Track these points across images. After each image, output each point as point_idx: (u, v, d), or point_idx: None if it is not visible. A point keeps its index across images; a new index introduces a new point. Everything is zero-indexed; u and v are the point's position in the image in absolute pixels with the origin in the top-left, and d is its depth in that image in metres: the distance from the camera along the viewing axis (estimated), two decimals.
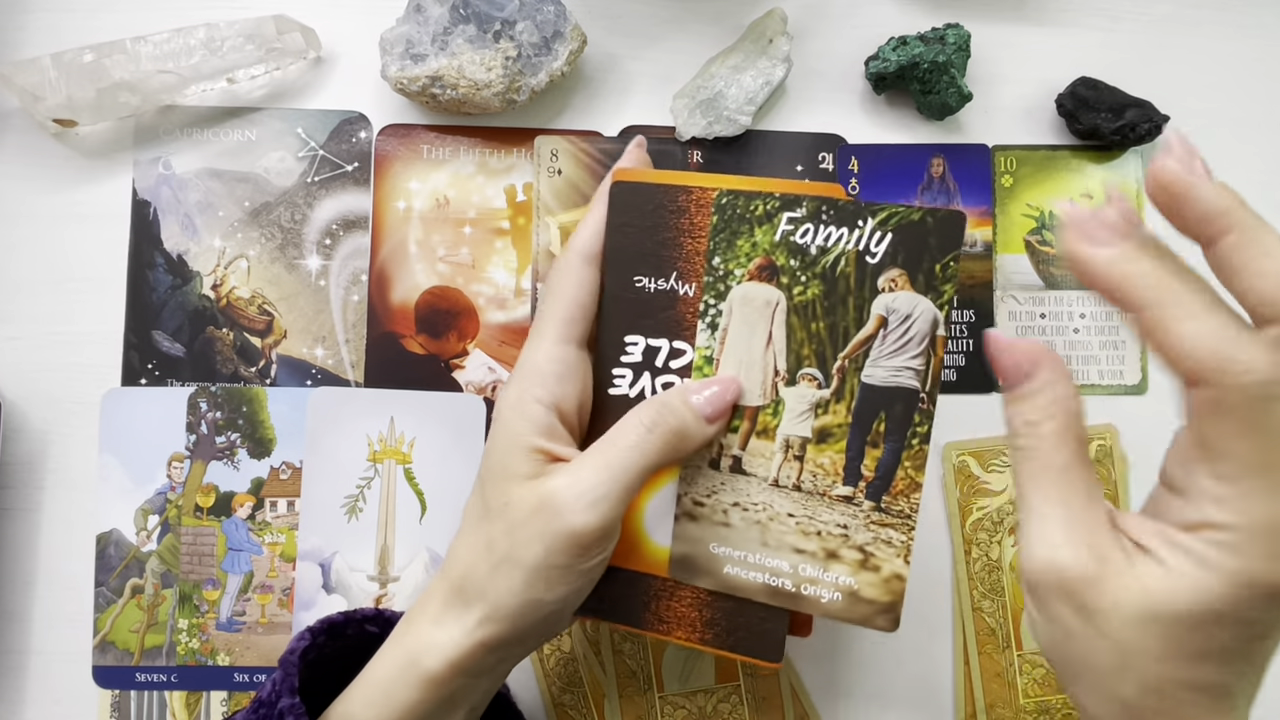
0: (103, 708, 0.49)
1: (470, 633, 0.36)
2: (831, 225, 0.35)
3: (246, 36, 0.49)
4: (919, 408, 0.35)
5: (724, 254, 0.36)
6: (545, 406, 0.36)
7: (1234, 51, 0.52)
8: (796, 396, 0.36)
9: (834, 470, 0.36)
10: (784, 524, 0.36)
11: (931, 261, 0.34)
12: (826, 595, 0.36)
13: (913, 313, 0.35)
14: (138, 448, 0.50)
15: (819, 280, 0.35)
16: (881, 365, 0.35)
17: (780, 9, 0.50)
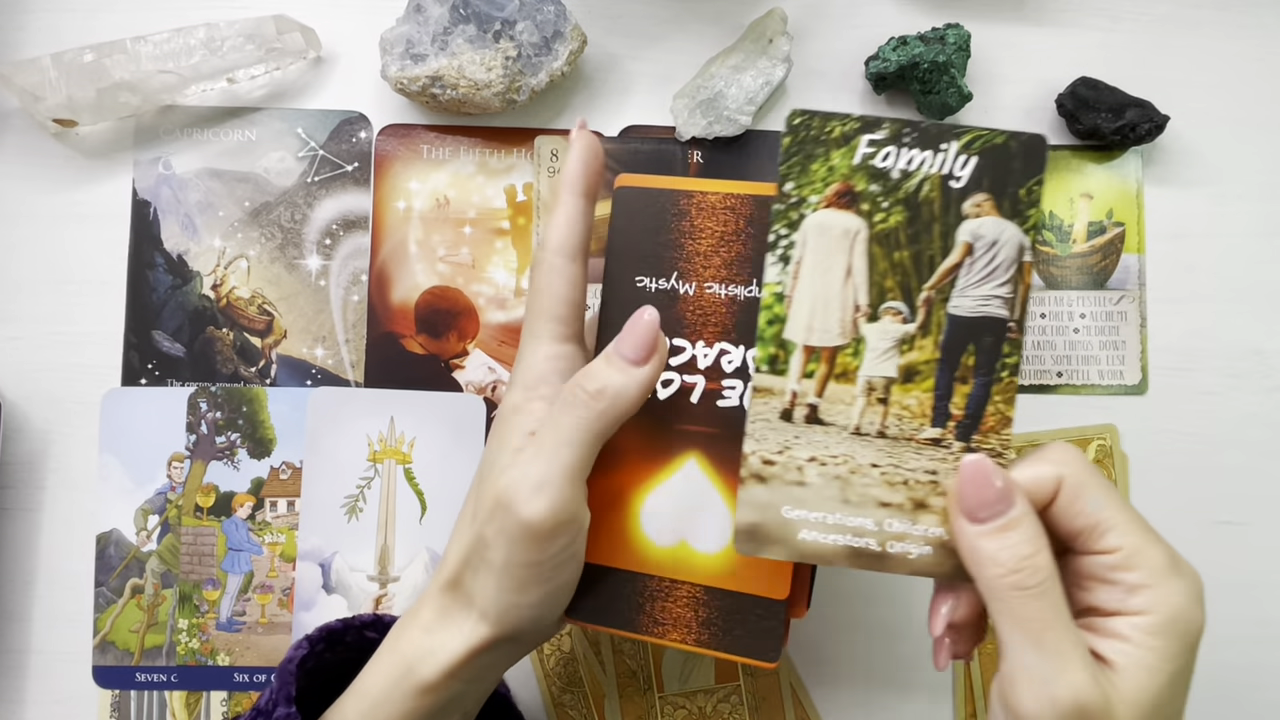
0: (103, 708, 0.49)
1: (464, 637, 0.35)
2: (915, 148, 0.33)
3: (246, 36, 0.49)
4: (1008, 337, 0.33)
5: (797, 179, 0.33)
6: (550, 404, 0.36)
7: (1234, 51, 0.52)
8: (879, 333, 0.33)
9: (921, 411, 0.33)
10: (867, 476, 0.33)
11: (1016, 185, 0.32)
12: (915, 550, 0.33)
13: (999, 239, 0.33)
14: (138, 448, 0.50)
15: (902, 206, 0.33)
16: (969, 295, 0.33)
17: (780, 9, 0.50)
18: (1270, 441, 0.51)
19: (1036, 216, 0.32)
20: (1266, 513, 0.50)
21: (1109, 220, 0.51)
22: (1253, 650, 0.50)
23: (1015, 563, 0.30)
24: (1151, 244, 0.51)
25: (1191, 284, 0.51)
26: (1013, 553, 0.30)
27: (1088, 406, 0.51)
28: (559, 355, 0.36)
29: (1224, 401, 0.51)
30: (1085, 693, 0.29)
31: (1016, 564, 0.30)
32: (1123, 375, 0.51)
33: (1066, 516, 0.31)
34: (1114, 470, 0.50)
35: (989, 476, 0.31)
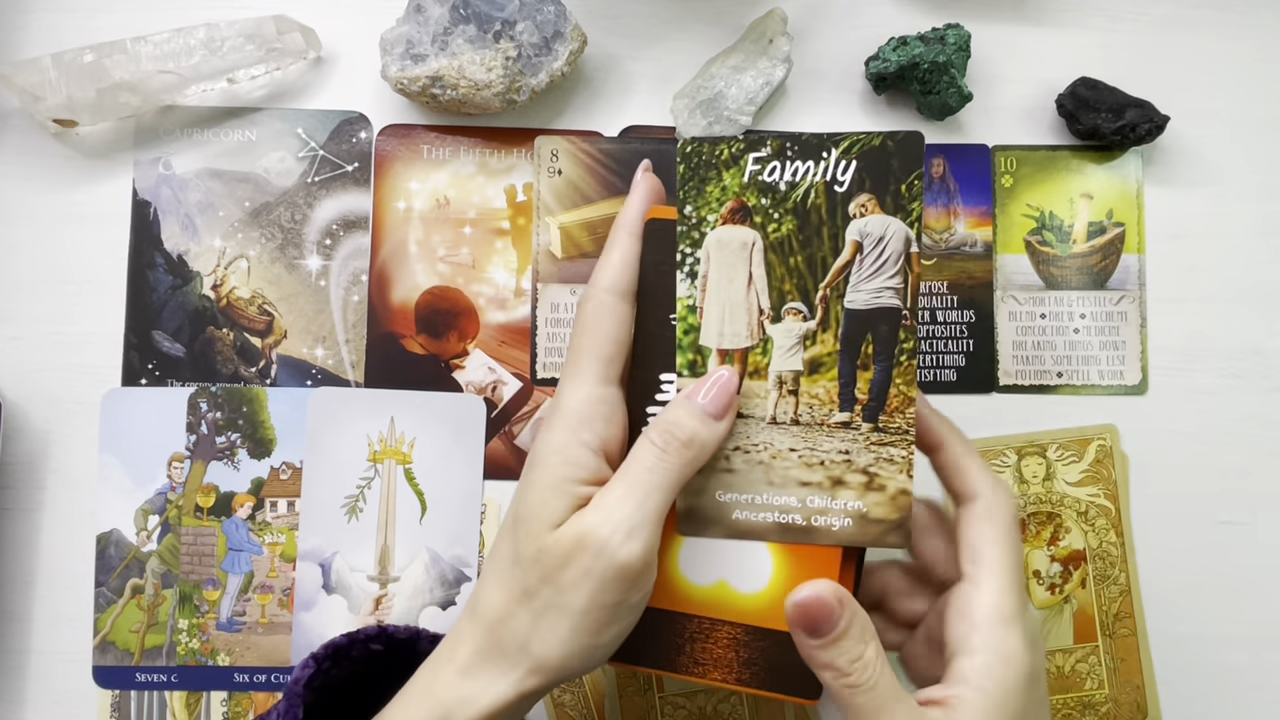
0: (103, 708, 0.49)
1: (511, 685, 0.34)
2: (797, 160, 0.36)
3: (246, 36, 0.49)
4: (903, 324, 0.36)
5: (694, 201, 0.36)
6: (593, 451, 0.35)
7: (1234, 51, 0.52)
8: (784, 332, 0.36)
9: (829, 398, 0.36)
10: (787, 459, 0.36)
11: (897, 183, 0.35)
12: (837, 523, 0.36)
13: (885, 234, 0.35)
14: (138, 448, 0.50)
15: (791, 215, 0.36)
16: (862, 289, 0.36)
17: (780, 9, 0.50)
18: (1270, 441, 0.51)
19: (919, 209, 0.35)
20: (1266, 513, 0.50)
21: (1109, 220, 0.51)
22: (1253, 650, 0.50)
23: (847, 665, 0.33)
24: (1151, 244, 0.51)
25: (1191, 284, 0.51)
26: (844, 657, 0.34)
27: (1088, 406, 0.51)
28: (602, 399, 0.36)
29: (1224, 401, 0.51)
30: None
31: (848, 666, 0.33)
32: (1123, 375, 0.51)
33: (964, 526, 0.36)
34: (1114, 470, 0.50)
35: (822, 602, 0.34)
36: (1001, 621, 0.34)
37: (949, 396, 0.51)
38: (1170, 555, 0.50)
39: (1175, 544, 0.50)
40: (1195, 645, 0.50)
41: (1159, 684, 0.50)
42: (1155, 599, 0.50)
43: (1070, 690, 0.50)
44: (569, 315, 0.51)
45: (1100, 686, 0.50)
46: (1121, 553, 0.50)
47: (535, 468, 0.36)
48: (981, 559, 0.35)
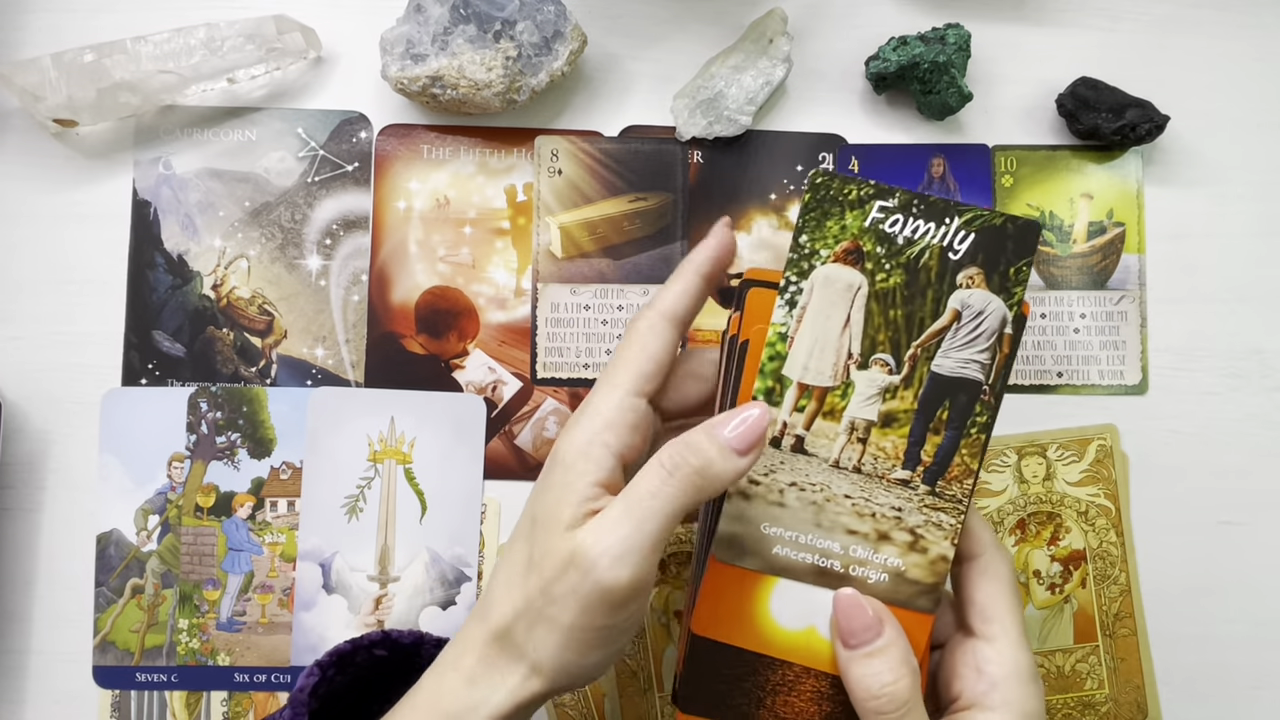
0: (103, 708, 0.49)
1: (513, 692, 0.34)
2: (920, 219, 0.36)
3: (246, 36, 0.49)
4: (981, 399, 0.36)
5: (812, 233, 0.37)
6: (613, 453, 0.35)
7: (1234, 51, 0.52)
8: (867, 380, 0.37)
9: (895, 454, 0.36)
10: (840, 505, 0.36)
11: (1008, 264, 0.36)
12: (874, 576, 0.36)
13: (985, 309, 0.36)
14: (138, 448, 0.50)
15: (902, 270, 0.36)
16: (951, 356, 0.36)
17: (780, 9, 0.50)
18: (1270, 441, 0.51)
19: (1021, 293, 0.36)
20: (1266, 513, 0.50)
21: (1109, 220, 0.51)
22: (1253, 650, 0.50)
23: (877, 689, 0.33)
24: (1151, 244, 0.51)
25: (1191, 284, 0.51)
26: (875, 679, 0.33)
27: (1088, 406, 0.51)
28: (631, 408, 0.36)
29: (1224, 401, 0.51)
30: None
31: (878, 690, 0.33)
32: (1123, 375, 0.51)
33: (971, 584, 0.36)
34: (1114, 470, 0.50)
35: (859, 605, 0.34)
36: (1020, 679, 0.34)
37: None
38: (1170, 555, 0.50)
39: (1175, 544, 0.50)
40: (1195, 645, 0.50)
41: (1159, 684, 0.50)
42: (1155, 599, 0.50)
43: (1070, 690, 0.50)
44: (569, 315, 0.51)
45: (1100, 686, 0.50)
46: (1121, 553, 0.50)
47: (554, 467, 0.36)
48: (993, 616, 0.35)
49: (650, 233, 0.51)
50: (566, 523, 0.34)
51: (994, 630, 0.35)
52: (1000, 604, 0.35)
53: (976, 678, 0.35)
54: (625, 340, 0.37)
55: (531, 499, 0.36)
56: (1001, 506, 0.50)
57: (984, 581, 0.36)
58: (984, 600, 0.36)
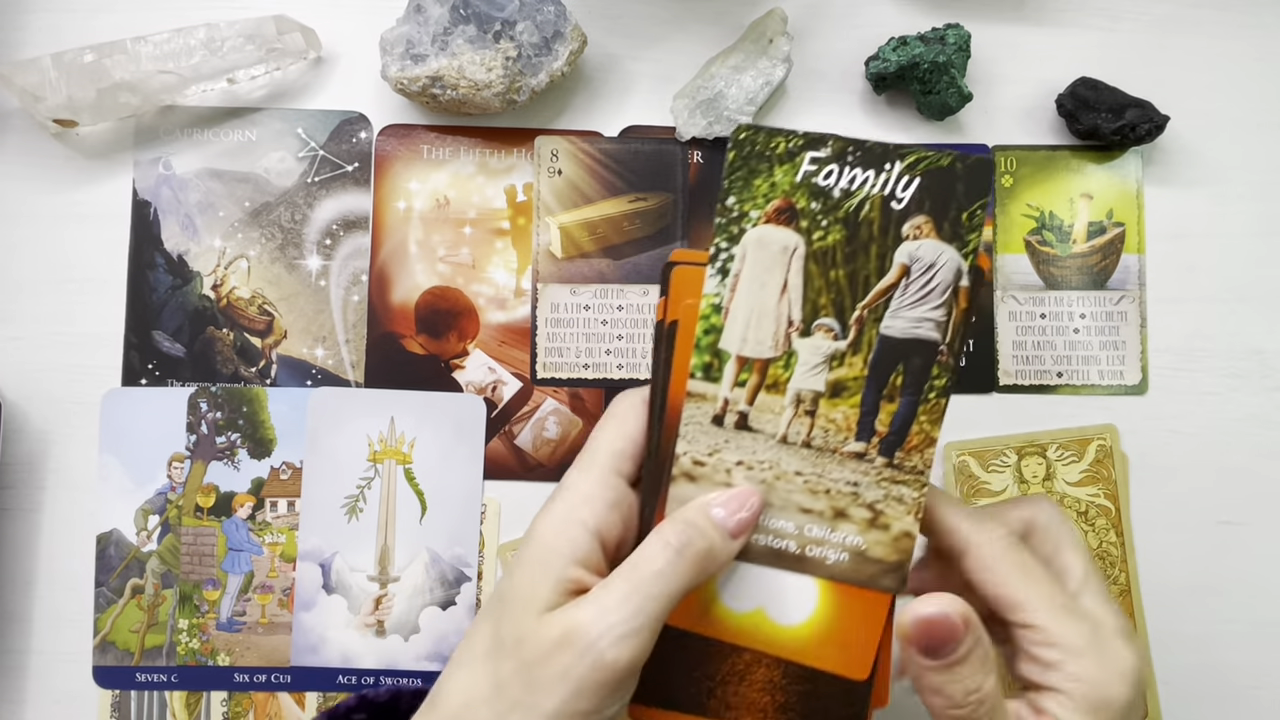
0: (103, 708, 0.49)
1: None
2: (857, 167, 0.33)
3: (246, 37, 0.49)
4: (938, 360, 0.34)
5: (739, 194, 0.34)
6: (591, 532, 0.33)
7: (1234, 51, 0.52)
8: (810, 348, 0.34)
9: (847, 425, 0.34)
10: (791, 483, 0.34)
11: (959, 209, 0.33)
12: (832, 556, 0.34)
13: (937, 261, 0.33)
14: (138, 448, 0.50)
15: (841, 225, 0.33)
16: (902, 316, 0.34)
17: (780, 9, 0.50)
18: (1270, 441, 0.51)
19: (976, 240, 0.33)
20: (1266, 513, 0.50)
21: (1109, 220, 0.51)
22: (1253, 650, 0.50)
23: (961, 696, 0.31)
24: (1151, 244, 0.51)
25: (1191, 284, 0.51)
26: (960, 687, 0.31)
27: (1088, 406, 0.51)
28: (610, 485, 0.34)
29: (1224, 401, 0.51)
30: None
31: (963, 698, 0.31)
32: (1123, 375, 0.51)
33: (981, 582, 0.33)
34: (1114, 470, 0.50)
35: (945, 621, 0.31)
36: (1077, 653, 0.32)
37: None
38: (1170, 555, 0.50)
39: (1175, 544, 0.50)
40: (1195, 645, 0.50)
41: (1159, 684, 0.50)
42: (1155, 599, 0.50)
43: None
44: (569, 315, 0.51)
45: None
46: (1121, 553, 0.50)
47: (527, 545, 0.34)
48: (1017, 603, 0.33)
49: (650, 233, 0.51)
50: (544, 604, 0.32)
51: (1026, 616, 0.32)
52: (1019, 587, 0.33)
53: (1030, 663, 0.32)
54: (604, 420, 0.36)
55: (502, 579, 0.34)
56: None
57: (988, 573, 0.33)
58: (1001, 593, 0.33)
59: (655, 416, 0.35)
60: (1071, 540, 0.34)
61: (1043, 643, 0.32)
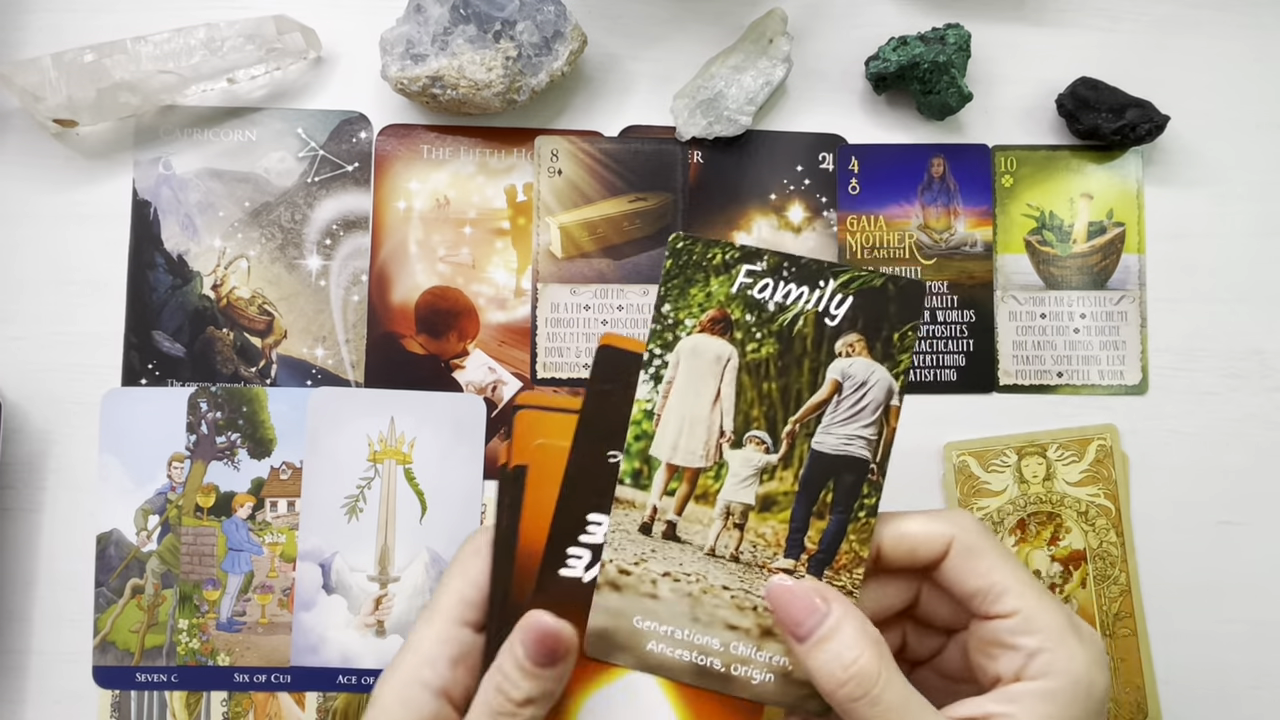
0: (103, 708, 0.49)
1: None
2: (792, 283, 0.34)
3: (247, 36, 0.49)
4: (868, 479, 0.34)
5: (675, 301, 0.34)
6: (435, 693, 0.32)
7: (1234, 51, 0.52)
8: (742, 460, 0.34)
9: (776, 541, 0.34)
10: (718, 597, 0.33)
11: (890, 329, 0.34)
12: (758, 677, 0.33)
13: (869, 380, 0.34)
14: (138, 448, 0.50)
15: (774, 339, 0.34)
16: (833, 432, 0.34)
17: (780, 9, 0.50)
18: (1270, 441, 0.51)
19: (908, 361, 0.33)
20: (1266, 513, 0.50)
21: (1109, 220, 0.51)
22: (1253, 650, 0.50)
23: (840, 673, 0.30)
24: (1151, 244, 0.51)
25: (1191, 284, 0.51)
26: (836, 662, 0.31)
27: (1088, 406, 0.51)
28: (453, 639, 0.33)
29: (1224, 401, 0.51)
30: None
31: (842, 675, 0.30)
32: (1123, 375, 0.51)
33: (960, 576, 0.33)
34: (1114, 470, 0.50)
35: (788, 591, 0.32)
36: (1059, 641, 0.31)
37: (949, 396, 0.51)
38: (1170, 555, 0.50)
39: (1175, 544, 0.50)
40: (1195, 645, 0.50)
41: (1159, 684, 0.50)
42: (1155, 599, 0.50)
43: None
44: (569, 315, 0.51)
45: None
46: (1121, 553, 0.50)
47: (371, 710, 0.33)
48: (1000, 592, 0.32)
49: (650, 233, 0.51)
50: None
51: (1007, 604, 0.32)
52: (998, 576, 0.32)
53: (1009, 655, 0.32)
54: (450, 566, 0.35)
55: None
56: (1001, 506, 0.50)
57: (968, 565, 0.33)
58: (979, 584, 0.32)
59: (500, 562, 0.34)
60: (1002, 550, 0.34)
61: (1023, 630, 0.31)
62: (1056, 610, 0.32)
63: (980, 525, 0.33)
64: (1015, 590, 0.32)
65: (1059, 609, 0.32)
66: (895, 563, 0.34)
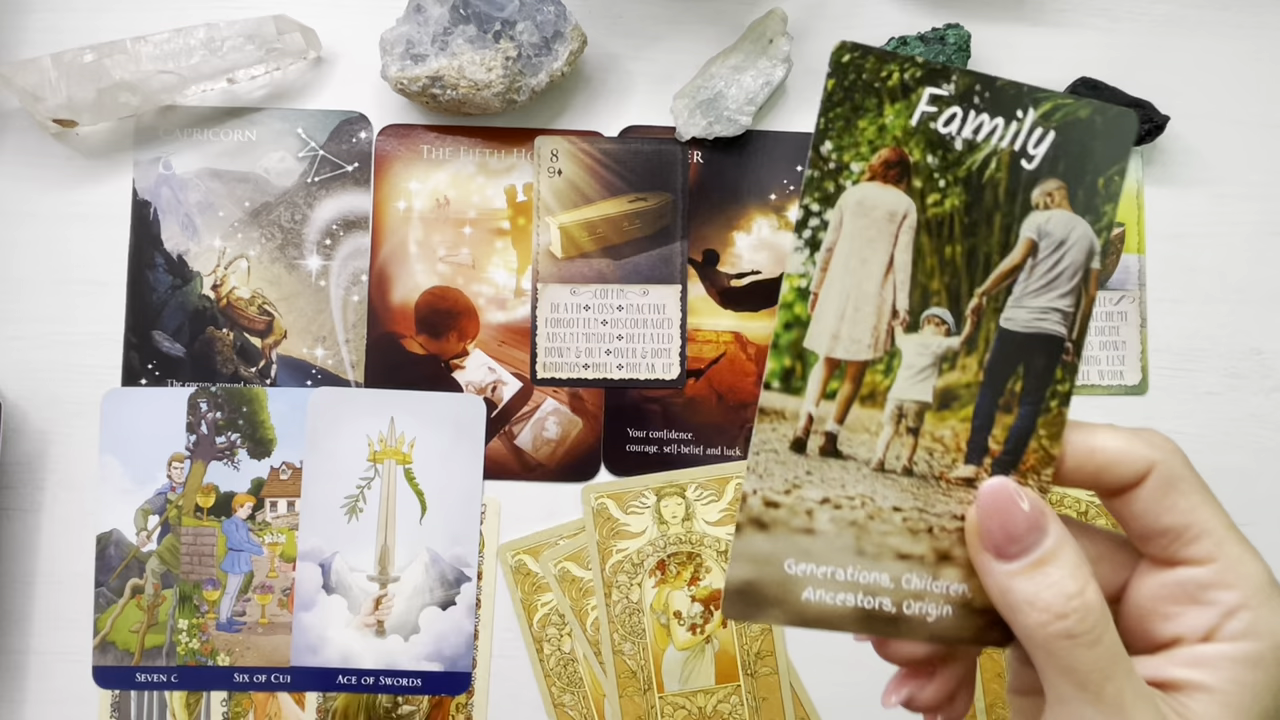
0: (103, 708, 0.49)
1: None
2: (985, 112, 0.27)
3: (246, 36, 0.49)
4: (1063, 360, 0.28)
5: (839, 138, 0.27)
6: None
7: (1234, 51, 0.52)
8: (918, 347, 0.27)
9: (956, 445, 0.28)
10: (887, 522, 0.27)
11: (1095, 173, 0.27)
12: (934, 612, 0.28)
13: (1068, 238, 0.27)
14: (138, 448, 0.50)
15: (961, 187, 0.27)
16: (1025, 305, 0.27)
17: (780, 9, 0.50)
18: (1270, 441, 0.51)
19: (1111, 214, 0.27)
20: (1266, 513, 0.50)
21: None
22: None
23: (1060, 605, 0.25)
24: (1151, 244, 0.51)
25: (1191, 284, 0.51)
26: (1055, 592, 0.25)
27: (1088, 406, 0.51)
28: None
29: (1224, 401, 0.51)
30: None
31: (1062, 607, 0.25)
32: (1123, 375, 0.51)
33: (1153, 510, 0.27)
34: None
35: (1014, 500, 0.26)
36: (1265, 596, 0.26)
37: None
38: None
39: None
40: None
41: None
42: None
43: None
44: (569, 315, 0.51)
45: None
46: None
47: None
48: (1199, 533, 0.26)
49: (650, 233, 0.51)
50: None
51: (1205, 549, 0.26)
52: (1199, 513, 0.27)
53: (1199, 611, 0.26)
54: None
55: None
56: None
57: (1167, 499, 0.27)
58: (1175, 519, 0.27)
59: None
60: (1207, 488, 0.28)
61: (1220, 582, 0.26)
62: (1260, 563, 0.26)
63: (1184, 456, 0.28)
64: (1217, 535, 0.26)
65: (1262, 563, 0.26)
66: (1077, 481, 0.28)
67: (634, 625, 0.49)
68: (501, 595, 0.50)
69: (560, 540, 0.50)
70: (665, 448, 0.50)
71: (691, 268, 0.51)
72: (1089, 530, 0.29)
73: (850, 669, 0.50)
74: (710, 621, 0.50)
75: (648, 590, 0.49)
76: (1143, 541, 0.27)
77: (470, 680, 0.49)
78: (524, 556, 0.50)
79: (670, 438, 0.50)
